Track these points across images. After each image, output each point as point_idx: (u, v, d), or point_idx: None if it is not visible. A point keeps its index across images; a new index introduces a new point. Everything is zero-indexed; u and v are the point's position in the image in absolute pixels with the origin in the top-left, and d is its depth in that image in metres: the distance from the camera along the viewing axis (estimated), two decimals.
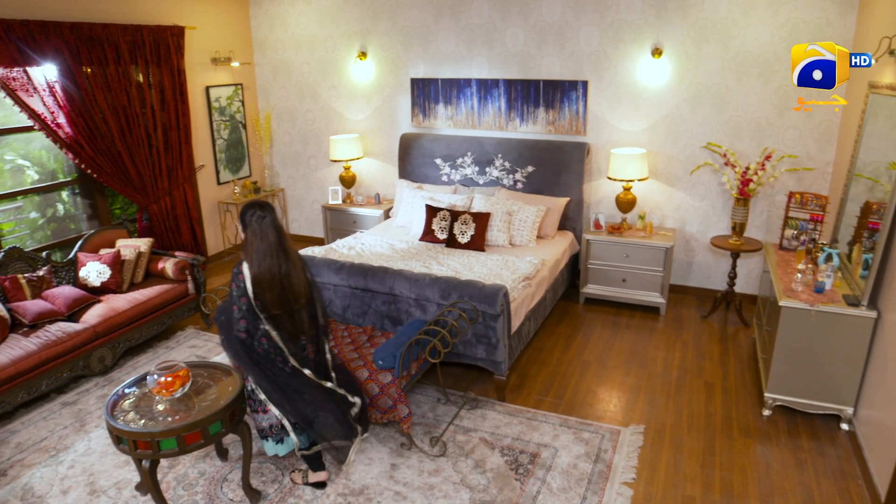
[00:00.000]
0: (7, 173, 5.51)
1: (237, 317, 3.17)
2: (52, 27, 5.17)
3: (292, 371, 3.30)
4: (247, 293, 3.12)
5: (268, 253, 3.12)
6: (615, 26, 5.73)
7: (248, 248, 3.14)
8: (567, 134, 6.15)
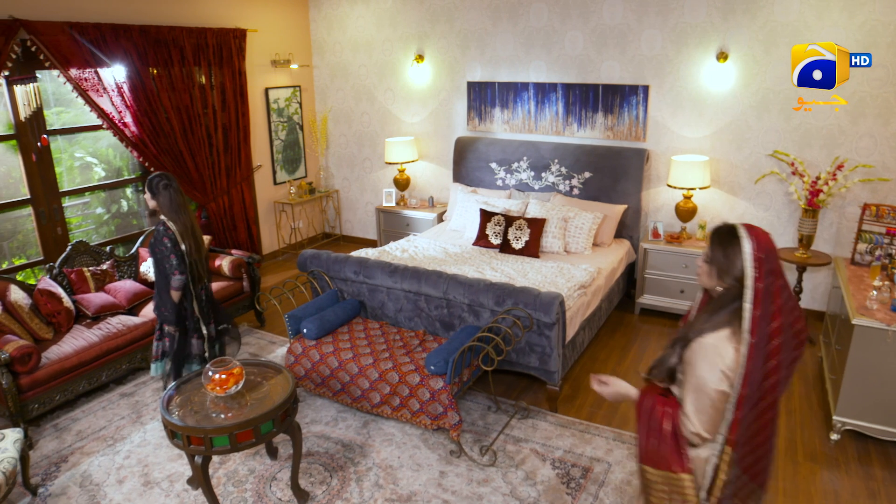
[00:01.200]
0: (77, 170, 5.71)
1: (174, 264, 3.82)
2: (122, 30, 5.34)
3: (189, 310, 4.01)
4: (177, 243, 3.84)
5: (181, 210, 3.90)
6: (679, 29, 5.56)
7: (167, 209, 3.86)
8: (626, 140, 6.00)
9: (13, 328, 4.28)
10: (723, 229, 2.08)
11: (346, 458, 3.78)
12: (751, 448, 2.07)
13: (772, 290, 1.97)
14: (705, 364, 2.02)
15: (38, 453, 3.94)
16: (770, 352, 1.97)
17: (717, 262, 2.07)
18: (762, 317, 1.96)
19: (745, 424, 2.02)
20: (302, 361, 4.22)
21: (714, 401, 2.03)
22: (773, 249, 2.00)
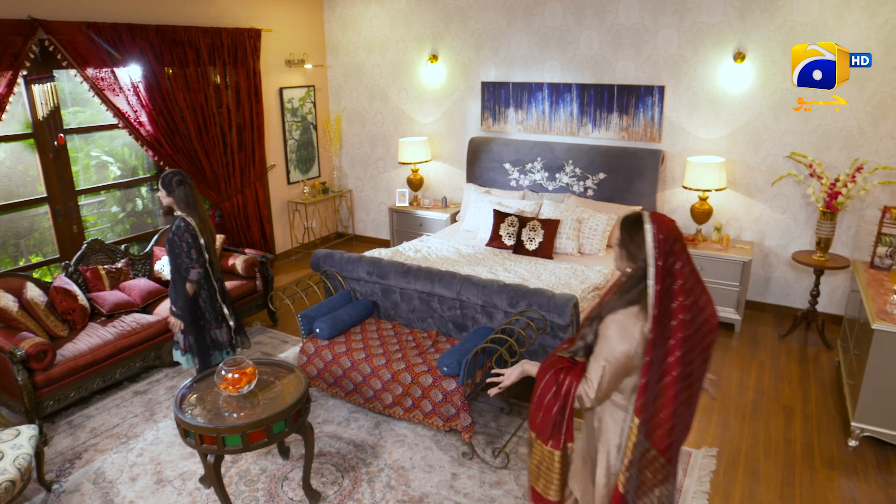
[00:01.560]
0: (93, 169, 5.75)
1: (194, 258, 3.93)
2: (138, 30, 5.37)
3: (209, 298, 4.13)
4: (197, 238, 3.94)
5: (197, 206, 4.01)
6: (695, 29, 5.51)
7: (182, 204, 3.96)
8: (641, 140, 5.95)
9: (29, 325, 4.31)
10: (631, 217, 2.27)
11: (358, 459, 3.77)
12: (656, 421, 2.23)
13: (673, 270, 2.14)
14: (615, 336, 2.21)
15: (53, 450, 3.97)
16: (673, 328, 2.14)
17: (626, 246, 2.27)
18: (663, 293, 2.13)
19: (650, 393, 2.20)
20: (314, 361, 4.22)
21: (616, 369, 2.22)
22: (675, 234, 2.17)
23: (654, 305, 2.14)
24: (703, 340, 2.20)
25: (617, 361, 2.21)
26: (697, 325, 2.17)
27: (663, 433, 2.23)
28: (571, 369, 2.34)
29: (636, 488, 2.28)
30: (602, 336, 2.25)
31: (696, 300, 2.17)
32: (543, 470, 2.45)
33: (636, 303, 2.22)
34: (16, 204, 5.11)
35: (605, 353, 2.22)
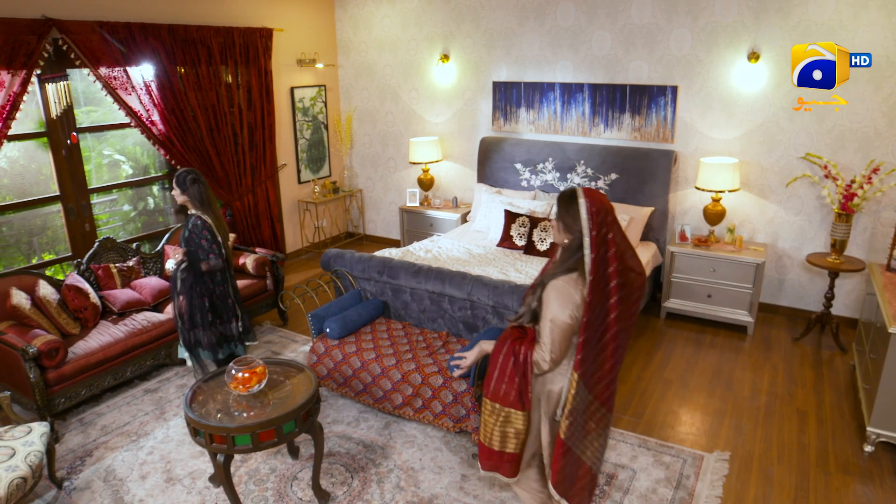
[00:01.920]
0: (105, 167, 5.77)
1: (217, 252, 4.02)
2: (151, 29, 5.39)
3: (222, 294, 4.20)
4: (216, 235, 4.01)
5: (213, 204, 4.07)
6: (709, 29, 5.46)
7: (197, 202, 4.01)
8: (653, 141, 5.91)
9: (41, 323, 4.33)
10: (566, 193, 2.50)
11: (368, 459, 3.76)
12: (597, 375, 2.50)
13: (606, 239, 2.39)
14: (557, 301, 2.46)
15: (64, 447, 3.99)
16: (610, 291, 2.41)
17: (563, 220, 2.50)
18: (598, 260, 2.39)
19: (589, 350, 2.46)
20: (324, 361, 4.22)
21: (563, 330, 2.47)
22: (606, 207, 2.43)
23: (590, 272, 2.39)
24: (632, 297, 2.48)
25: (563, 323, 2.46)
26: (629, 286, 2.44)
27: (605, 386, 2.51)
28: (524, 340, 2.59)
29: (580, 437, 2.55)
30: (545, 301, 2.49)
31: (627, 264, 2.44)
32: (510, 433, 2.67)
33: (574, 270, 2.47)
34: (29, 202, 5.14)
35: (550, 316, 2.47)
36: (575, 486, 2.64)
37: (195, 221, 4.00)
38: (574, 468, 2.60)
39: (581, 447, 2.57)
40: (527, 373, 2.57)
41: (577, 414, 2.51)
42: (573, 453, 2.57)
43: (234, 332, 4.31)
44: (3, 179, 5.06)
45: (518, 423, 2.65)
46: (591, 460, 2.63)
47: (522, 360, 2.56)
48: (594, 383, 2.49)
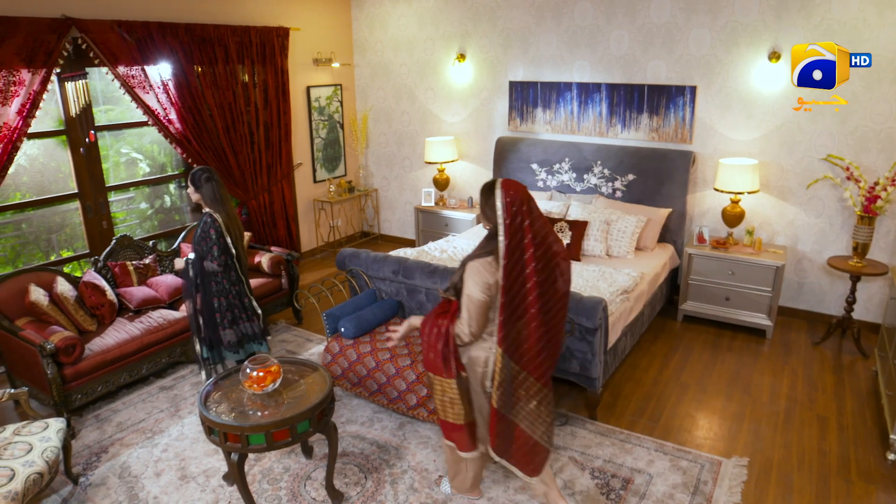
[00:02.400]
0: (122, 166, 5.81)
1: (215, 255, 3.99)
2: (168, 28, 5.41)
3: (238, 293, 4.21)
4: (222, 235, 3.99)
5: (225, 202, 4.06)
6: (729, 28, 5.39)
7: (210, 200, 4.01)
8: (671, 142, 5.84)
9: (59, 319, 4.36)
10: (487, 184, 2.72)
11: (382, 460, 3.74)
12: (521, 350, 2.74)
13: (522, 227, 2.58)
14: (472, 280, 2.72)
15: (80, 443, 4.01)
16: (526, 275, 2.62)
17: (483, 210, 2.74)
18: (513, 246, 2.59)
19: (509, 328, 2.70)
20: (339, 360, 4.21)
21: (478, 307, 2.73)
22: (521, 197, 2.61)
23: (503, 256, 2.61)
24: (557, 281, 2.71)
25: (478, 300, 2.71)
26: (549, 270, 2.67)
27: (530, 359, 2.75)
28: (447, 314, 2.84)
29: (511, 404, 2.81)
30: (465, 280, 2.75)
31: (548, 250, 2.65)
32: (447, 401, 2.94)
33: (491, 254, 2.70)
34: (48, 199, 5.18)
35: (467, 293, 2.73)
36: (513, 450, 2.92)
37: (205, 219, 4.03)
38: (509, 433, 2.88)
39: (513, 413, 2.84)
40: (448, 342, 2.82)
41: (505, 385, 2.78)
42: (507, 419, 2.85)
43: (253, 332, 4.33)
44: (23, 177, 5.10)
45: (451, 392, 2.90)
46: (532, 430, 2.88)
47: (444, 332, 2.81)
48: (519, 356, 2.74)
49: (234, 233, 4.12)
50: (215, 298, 4.15)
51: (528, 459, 2.96)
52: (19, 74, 4.54)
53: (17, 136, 4.56)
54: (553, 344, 2.81)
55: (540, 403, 2.87)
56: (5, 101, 4.49)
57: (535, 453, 2.94)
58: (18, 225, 5.22)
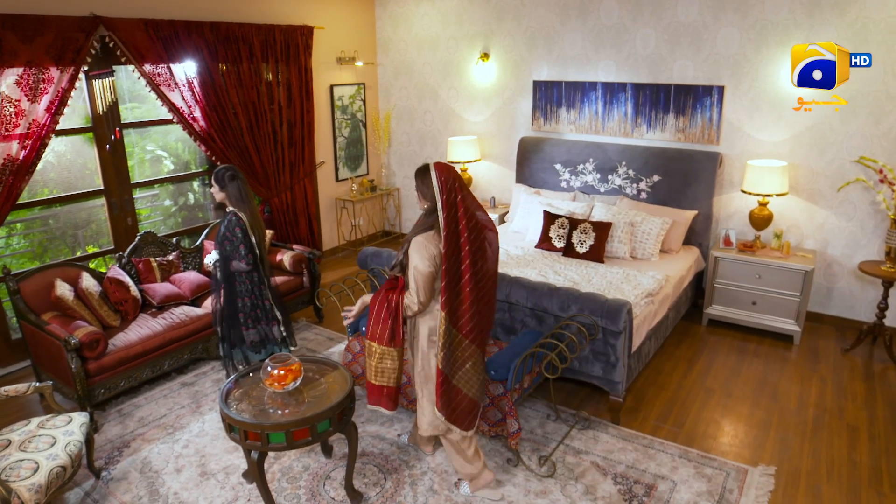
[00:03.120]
0: (147, 163, 5.86)
1: (243, 254, 3.99)
2: (194, 27, 5.44)
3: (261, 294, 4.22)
4: (248, 233, 4.00)
5: (249, 201, 4.09)
6: (758, 27, 5.28)
7: (235, 199, 4.04)
8: (698, 142, 5.75)
9: (84, 314, 4.40)
10: (421, 167, 3.04)
11: (401, 461, 3.72)
12: (458, 313, 3.00)
13: (455, 202, 2.92)
14: (418, 254, 2.99)
15: (103, 437, 4.04)
16: (461, 244, 2.93)
17: (420, 190, 3.05)
18: (450, 218, 2.91)
19: (450, 292, 2.96)
20: (359, 360, 4.19)
21: (426, 278, 3.01)
22: (453, 176, 2.94)
23: (443, 228, 2.92)
24: (487, 250, 3.03)
25: (426, 271, 2.98)
26: (479, 240, 2.99)
27: (465, 322, 3.01)
28: (396, 289, 3.09)
29: (451, 365, 3.06)
30: (410, 255, 3.02)
31: (478, 222, 2.98)
32: (384, 367, 3.19)
33: (432, 228, 3.01)
34: (75, 195, 5.24)
35: (414, 265, 2.99)
36: (457, 411, 3.14)
37: (230, 218, 4.02)
38: (453, 394, 3.11)
39: (456, 376, 3.09)
40: (398, 315, 3.08)
41: (447, 348, 3.02)
42: (450, 381, 3.08)
43: (275, 336, 4.32)
44: (50, 173, 5.16)
45: (389, 359, 3.17)
46: (468, 389, 3.13)
47: (395, 306, 3.07)
48: (457, 319, 3.00)
49: (258, 232, 4.12)
50: (239, 298, 4.15)
51: (466, 416, 3.18)
52: (48, 72, 4.59)
53: (45, 132, 4.62)
54: (485, 310, 3.08)
55: (474, 364, 3.11)
56: (35, 98, 4.55)
57: (471, 409, 3.18)
58: (46, 221, 5.29)
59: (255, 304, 4.20)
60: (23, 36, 4.42)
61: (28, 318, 4.29)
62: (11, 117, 4.46)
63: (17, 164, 4.52)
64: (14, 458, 3.07)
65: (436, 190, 2.91)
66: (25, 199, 4.96)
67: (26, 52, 4.45)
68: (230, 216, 4.03)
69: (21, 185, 4.58)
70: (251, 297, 4.18)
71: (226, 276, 4.11)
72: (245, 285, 4.14)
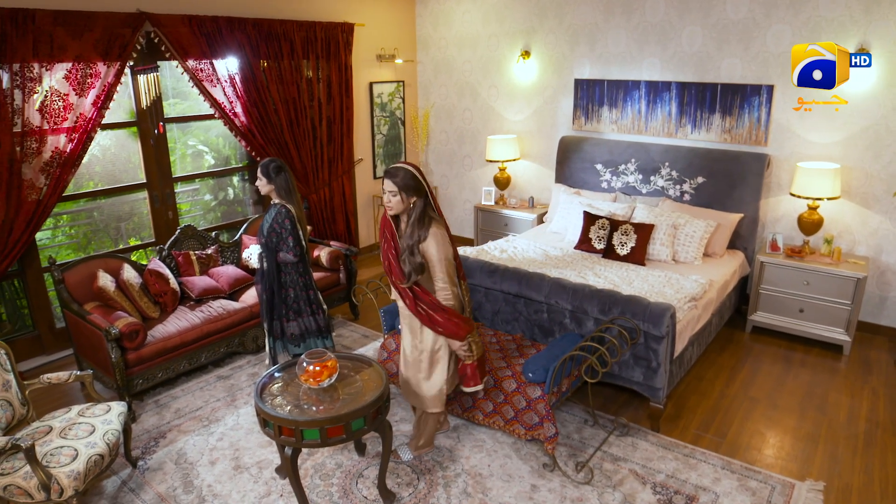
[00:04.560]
0: (189, 157, 5.93)
1: (290, 245, 4.04)
2: (237, 23, 5.48)
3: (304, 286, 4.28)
4: (296, 226, 4.05)
5: (294, 193, 4.12)
6: (811, 24, 5.08)
7: (283, 192, 4.08)
8: (745, 144, 5.56)
9: (124, 305, 4.46)
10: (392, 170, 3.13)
11: (435, 462, 3.67)
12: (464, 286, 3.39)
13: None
14: (440, 246, 3.14)
15: (140, 427, 4.09)
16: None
17: (406, 190, 3.11)
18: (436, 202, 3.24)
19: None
20: (395, 358, 4.15)
21: (451, 263, 3.20)
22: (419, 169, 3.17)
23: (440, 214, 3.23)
24: None
25: (448, 259, 3.17)
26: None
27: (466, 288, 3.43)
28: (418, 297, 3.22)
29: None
30: (429, 253, 3.14)
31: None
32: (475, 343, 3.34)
33: (433, 218, 3.17)
34: (118, 189, 5.33)
35: (439, 258, 3.14)
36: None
37: (279, 209, 4.04)
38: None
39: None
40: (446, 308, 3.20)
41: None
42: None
43: (317, 326, 4.37)
44: (96, 167, 5.26)
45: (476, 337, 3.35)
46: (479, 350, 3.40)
47: (437, 304, 3.20)
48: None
49: (302, 225, 4.15)
50: (283, 290, 4.19)
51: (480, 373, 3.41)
52: (95, 67, 4.67)
53: (91, 126, 4.70)
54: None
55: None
56: (82, 92, 4.63)
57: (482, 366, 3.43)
58: (90, 213, 5.39)
59: (297, 295, 4.24)
60: (72, 31, 4.50)
61: (71, 307, 4.36)
62: (60, 111, 4.55)
63: (64, 156, 4.60)
64: (55, 444, 3.12)
65: (423, 183, 3.14)
66: (71, 192, 5.06)
67: (75, 47, 4.54)
68: (279, 208, 4.05)
69: (67, 178, 4.67)
70: (295, 288, 4.21)
71: (272, 268, 4.13)
72: (291, 276, 4.18)
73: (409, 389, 3.53)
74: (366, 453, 3.75)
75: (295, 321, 4.28)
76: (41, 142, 4.49)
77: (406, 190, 3.09)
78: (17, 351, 4.80)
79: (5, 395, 3.25)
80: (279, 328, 4.27)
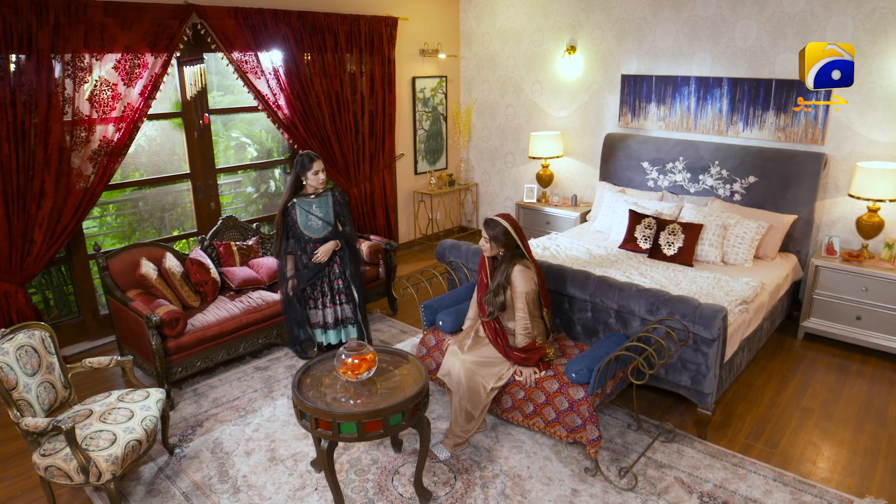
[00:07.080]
0: (232, 149, 5.96)
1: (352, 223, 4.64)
2: (282, 16, 5.49)
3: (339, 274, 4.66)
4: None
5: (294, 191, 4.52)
6: (875, 16, 4.83)
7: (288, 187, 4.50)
8: (800, 142, 5.33)
9: (165, 293, 4.49)
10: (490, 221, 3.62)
11: (473, 462, 3.58)
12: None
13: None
14: (526, 281, 3.55)
15: (178, 415, 4.10)
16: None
17: (497, 240, 3.58)
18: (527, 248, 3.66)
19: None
20: (434, 354, 4.08)
21: (532, 298, 3.59)
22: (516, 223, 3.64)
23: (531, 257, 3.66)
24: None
25: (530, 298, 3.57)
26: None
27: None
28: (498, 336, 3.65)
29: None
30: (514, 287, 3.55)
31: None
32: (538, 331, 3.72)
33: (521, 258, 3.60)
34: (163, 178, 5.38)
35: (523, 291, 3.54)
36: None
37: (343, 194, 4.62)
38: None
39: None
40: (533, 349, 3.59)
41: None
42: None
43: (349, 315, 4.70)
44: (141, 157, 5.32)
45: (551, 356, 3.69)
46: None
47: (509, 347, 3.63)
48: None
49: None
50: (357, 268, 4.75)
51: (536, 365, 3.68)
52: (143, 58, 4.72)
53: (138, 116, 4.75)
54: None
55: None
56: (130, 82, 4.68)
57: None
58: (136, 203, 5.46)
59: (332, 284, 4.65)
60: (122, 22, 4.56)
61: (115, 294, 4.41)
62: (108, 101, 4.61)
63: (111, 146, 4.66)
64: (94, 427, 3.13)
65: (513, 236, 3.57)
66: (117, 181, 5.13)
67: (124, 37, 4.59)
68: (335, 192, 4.56)
69: (114, 167, 4.73)
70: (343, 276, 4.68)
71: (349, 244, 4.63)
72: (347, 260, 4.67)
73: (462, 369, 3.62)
74: (402, 450, 3.69)
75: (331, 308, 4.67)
76: (90, 131, 4.56)
77: (496, 241, 3.57)
78: (62, 336, 4.88)
79: (48, 377, 3.29)
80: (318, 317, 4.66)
